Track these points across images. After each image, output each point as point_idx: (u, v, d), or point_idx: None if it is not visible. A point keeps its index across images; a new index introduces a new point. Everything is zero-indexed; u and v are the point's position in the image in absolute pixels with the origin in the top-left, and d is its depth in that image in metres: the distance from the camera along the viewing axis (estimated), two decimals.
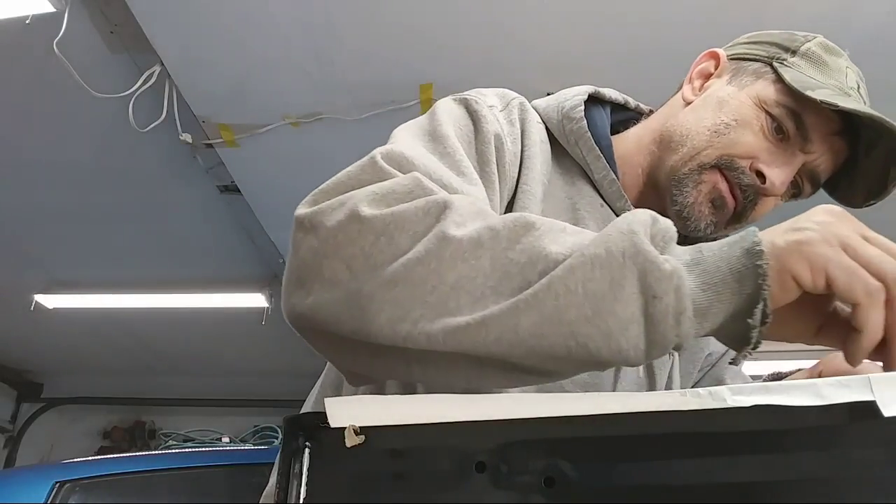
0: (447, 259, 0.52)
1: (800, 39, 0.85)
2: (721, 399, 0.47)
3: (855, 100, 0.81)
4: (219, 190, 3.32)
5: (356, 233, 0.55)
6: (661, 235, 0.52)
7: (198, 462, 2.92)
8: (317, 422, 0.50)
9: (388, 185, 0.58)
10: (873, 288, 0.47)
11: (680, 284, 0.49)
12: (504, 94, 0.87)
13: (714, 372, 1.01)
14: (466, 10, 2.30)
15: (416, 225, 0.54)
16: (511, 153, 0.78)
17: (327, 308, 0.55)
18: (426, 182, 0.59)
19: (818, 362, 0.74)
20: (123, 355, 5.71)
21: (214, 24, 2.38)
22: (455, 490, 0.47)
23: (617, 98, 0.95)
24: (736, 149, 0.81)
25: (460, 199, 0.56)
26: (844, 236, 0.48)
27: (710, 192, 0.82)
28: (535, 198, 0.79)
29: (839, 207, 0.52)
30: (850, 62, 0.85)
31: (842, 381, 0.46)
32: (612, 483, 0.47)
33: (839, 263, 0.48)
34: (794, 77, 0.80)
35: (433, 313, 0.52)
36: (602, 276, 0.49)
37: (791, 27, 1.97)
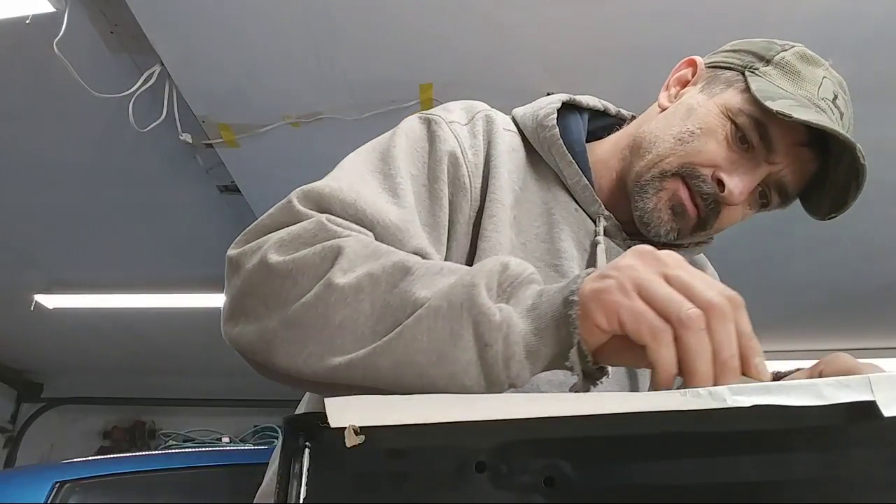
0: (332, 304, 0.59)
1: (776, 48, 0.85)
2: (721, 399, 0.47)
3: (826, 111, 0.80)
4: (219, 190, 3.32)
5: (266, 277, 0.63)
6: (510, 282, 0.58)
7: (198, 462, 2.92)
8: (317, 422, 0.50)
9: (296, 230, 0.66)
10: (658, 329, 0.50)
11: (508, 333, 0.54)
12: (471, 107, 0.90)
13: None
14: (466, 9, 2.30)
15: (314, 269, 0.62)
16: (472, 164, 0.81)
17: (246, 339, 0.64)
18: (329, 226, 0.65)
19: (818, 362, 0.73)
20: (123, 355, 5.71)
21: (214, 24, 2.38)
22: (455, 490, 0.47)
23: (595, 105, 0.96)
24: (698, 157, 0.82)
25: (354, 243, 0.63)
26: (641, 279, 0.52)
27: (671, 199, 0.83)
28: (503, 204, 0.82)
29: (649, 248, 0.55)
30: (832, 72, 0.85)
31: (842, 381, 0.46)
32: (612, 483, 0.47)
33: (628, 308, 0.51)
34: (759, 87, 0.81)
35: (322, 350, 0.59)
36: (443, 327, 0.55)
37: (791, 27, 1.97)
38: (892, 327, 4.69)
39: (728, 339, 0.50)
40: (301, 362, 0.60)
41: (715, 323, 0.50)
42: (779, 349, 5.13)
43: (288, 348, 0.61)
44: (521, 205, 0.86)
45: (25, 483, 2.65)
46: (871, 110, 2.65)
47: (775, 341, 5.05)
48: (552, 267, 0.85)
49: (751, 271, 3.95)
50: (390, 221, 0.71)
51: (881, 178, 3.06)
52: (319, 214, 0.68)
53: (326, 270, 0.61)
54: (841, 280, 4.01)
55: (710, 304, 0.50)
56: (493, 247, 0.80)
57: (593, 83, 2.55)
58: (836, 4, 2.20)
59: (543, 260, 0.86)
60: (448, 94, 2.62)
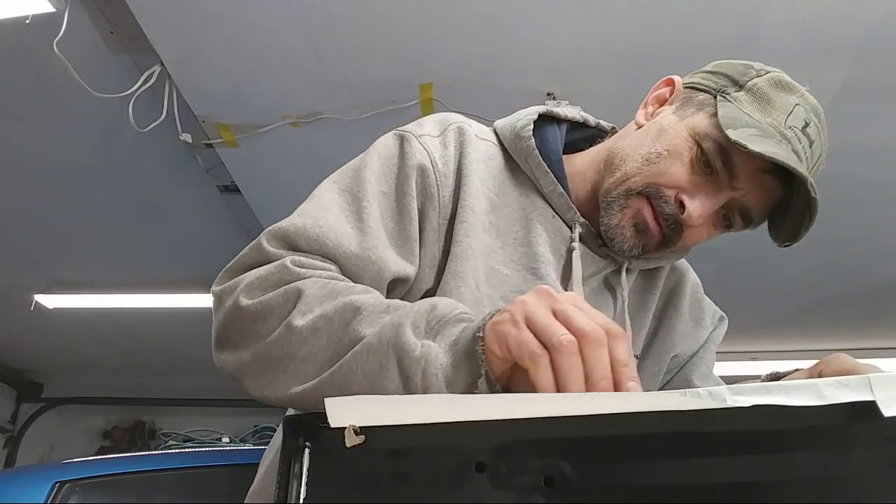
0: (294, 343, 0.69)
1: (751, 74, 0.86)
2: (721, 399, 0.47)
3: (791, 140, 0.81)
4: (219, 190, 3.32)
5: (239, 317, 0.74)
6: (437, 321, 0.65)
7: (198, 462, 2.92)
8: (317, 422, 0.50)
9: (263, 273, 0.75)
10: (535, 354, 0.55)
11: (426, 367, 0.61)
12: (444, 119, 0.94)
13: (682, 373, 1.03)
14: (466, 9, 2.30)
15: (279, 310, 0.72)
16: (441, 174, 0.86)
17: (228, 367, 0.75)
18: (293, 268, 0.74)
19: (818, 362, 0.74)
20: (123, 355, 5.71)
21: (214, 24, 2.38)
22: (455, 490, 0.47)
23: (574, 116, 0.99)
24: (663, 178, 0.84)
25: (312, 286, 0.72)
26: (529, 312, 0.57)
27: (634, 217, 0.86)
28: (475, 210, 0.86)
29: (547, 287, 0.61)
30: (807, 98, 0.86)
31: (842, 381, 0.46)
32: (612, 483, 0.47)
33: (514, 336, 0.57)
34: (726, 113, 0.82)
35: (288, 380, 0.69)
36: (374, 361, 0.64)
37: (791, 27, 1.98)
38: (892, 327, 4.69)
39: (600, 363, 0.54)
40: (270, 390, 0.71)
41: (587, 349, 0.54)
42: (779, 349, 5.13)
43: (258, 379, 0.72)
44: (498, 210, 0.89)
45: (25, 483, 2.65)
46: (871, 110, 2.65)
47: (775, 341, 5.05)
48: (530, 270, 0.88)
49: (751, 271, 3.95)
50: (351, 252, 0.79)
51: (881, 178, 3.06)
52: (286, 254, 0.77)
53: (288, 312, 0.71)
54: (841, 280, 4.01)
55: (584, 332, 0.55)
56: (464, 251, 0.84)
57: (593, 83, 2.55)
58: (836, 4, 2.20)
59: (521, 263, 0.89)
60: (448, 94, 2.62)
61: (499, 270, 0.87)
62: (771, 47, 2.37)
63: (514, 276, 0.88)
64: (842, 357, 0.72)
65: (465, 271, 0.84)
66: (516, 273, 0.88)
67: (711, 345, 1.05)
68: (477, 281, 0.84)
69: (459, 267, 0.84)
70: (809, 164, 0.83)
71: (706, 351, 1.04)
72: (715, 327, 1.06)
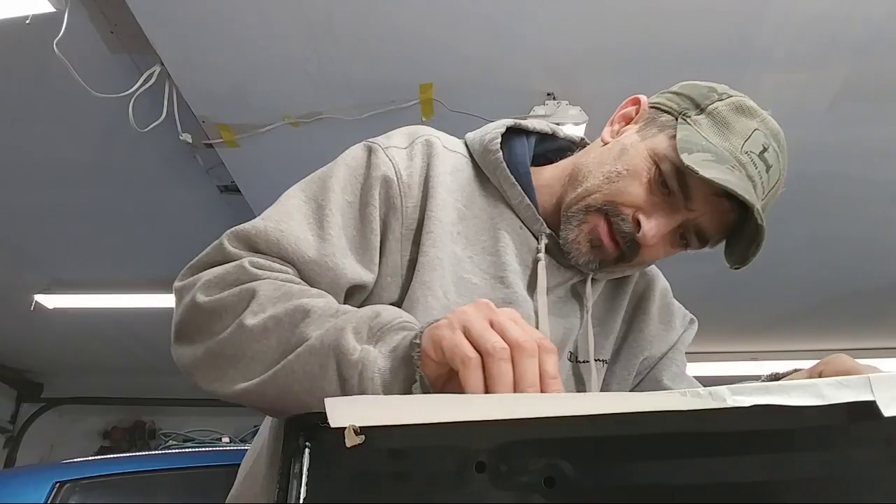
0: (244, 341, 0.72)
1: (713, 97, 0.87)
2: (721, 399, 0.47)
3: (746, 165, 0.82)
4: (219, 190, 3.32)
5: (196, 313, 0.77)
6: (379, 327, 0.68)
7: (198, 462, 2.92)
8: (317, 422, 0.50)
9: (221, 272, 0.78)
10: (467, 357, 0.57)
11: (363, 370, 0.64)
12: (413, 132, 0.96)
13: (653, 374, 1.04)
14: (466, 10, 2.30)
15: (232, 309, 0.74)
16: (405, 185, 0.88)
17: (183, 361, 0.78)
18: (250, 269, 0.77)
19: (818, 363, 0.74)
20: (123, 355, 5.71)
21: (214, 24, 2.38)
22: (455, 490, 0.47)
23: (543, 129, 1.00)
24: (621, 197, 0.86)
25: (266, 287, 0.75)
26: (466, 319, 0.60)
27: (590, 233, 0.88)
28: (441, 221, 0.88)
29: (487, 301, 0.63)
30: (768, 123, 0.87)
31: (842, 381, 0.46)
32: (612, 483, 0.47)
33: (449, 339, 0.59)
34: (683, 136, 0.84)
35: (236, 376, 0.72)
36: (315, 362, 0.67)
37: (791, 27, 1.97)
38: (892, 327, 4.69)
39: (529, 371, 0.57)
40: (218, 385, 0.74)
41: (518, 357, 0.57)
42: (779, 349, 5.13)
43: (209, 373, 0.75)
44: (466, 221, 0.91)
45: (25, 483, 2.65)
46: (871, 110, 2.65)
47: (775, 341, 5.05)
48: (497, 279, 0.90)
49: (751, 271, 3.94)
50: (309, 258, 0.82)
51: (881, 178, 3.06)
52: (245, 255, 0.80)
53: (242, 311, 0.73)
54: (841, 280, 4.02)
55: (517, 342, 0.58)
56: (431, 261, 0.86)
57: (593, 83, 2.55)
58: (837, 4, 2.20)
59: (489, 272, 0.90)
60: (448, 94, 2.63)
61: (468, 279, 0.89)
62: (771, 47, 2.37)
63: (483, 285, 0.89)
64: (842, 357, 0.72)
65: (433, 281, 0.85)
66: (485, 282, 0.90)
67: (681, 346, 1.07)
68: (445, 290, 0.86)
69: (427, 277, 0.86)
70: (765, 188, 0.84)
71: (676, 352, 1.06)
72: (685, 329, 1.09)
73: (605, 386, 0.99)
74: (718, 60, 2.39)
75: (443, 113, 2.67)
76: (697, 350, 5.04)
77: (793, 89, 2.55)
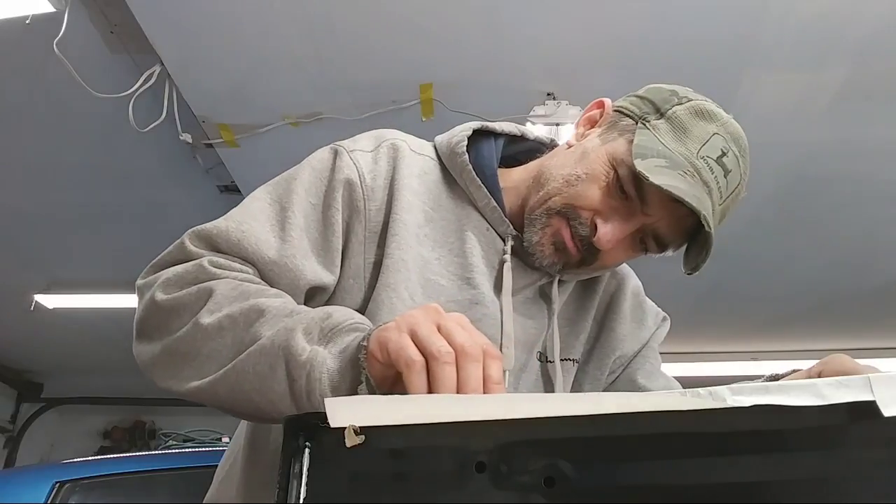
0: (199, 339, 0.73)
1: (673, 101, 0.87)
2: (721, 399, 0.47)
3: (701, 170, 0.82)
4: (219, 190, 3.32)
5: (155, 311, 0.78)
6: (330, 328, 0.68)
7: (198, 462, 2.92)
8: (317, 422, 0.50)
9: (180, 271, 0.79)
10: (412, 360, 0.58)
11: (311, 371, 0.65)
12: (380, 136, 0.96)
13: (627, 373, 1.05)
14: (466, 9, 2.30)
15: (190, 307, 0.75)
16: (369, 189, 0.89)
17: (141, 358, 0.79)
18: (209, 268, 0.78)
19: (817, 363, 0.74)
20: (123, 355, 5.64)
21: (214, 24, 2.38)
22: (455, 490, 0.47)
23: (512, 131, 1.01)
24: (580, 201, 0.87)
25: (223, 286, 0.76)
26: (414, 323, 0.61)
27: (553, 236, 0.89)
28: (406, 223, 0.89)
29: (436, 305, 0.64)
30: (729, 127, 0.86)
31: (842, 381, 0.46)
32: (612, 483, 0.47)
33: (395, 342, 0.60)
34: (640, 141, 0.84)
35: (192, 374, 0.73)
36: (265, 362, 0.67)
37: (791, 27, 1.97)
38: (892, 327, 4.69)
39: (473, 375, 0.58)
40: (173, 383, 0.75)
41: (463, 361, 0.58)
42: (779, 349, 5.13)
43: (165, 371, 0.76)
44: (433, 223, 0.92)
45: (25, 483, 2.65)
46: (871, 110, 2.65)
47: (775, 341, 5.05)
48: (465, 280, 0.91)
49: (751, 271, 3.95)
50: (269, 258, 0.83)
51: (881, 178, 3.06)
52: (206, 254, 0.81)
53: (199, 309, 0.74)
54: (841, 280, 4.02)
55: (462, 346, 0.59)
56: (395, 263, 0.87)
57: (593, 83, 2.55)
58: (836, 4, 2.20)
59: (457, 274, 0.91)
60: (448, 94, 2.63)
61: (435, 281, 0.89)
62: (771, 47, 2.37)
63: (450, 286, 0.90)
64: (841, 357, 0.72)
65: (398, 283, 0.86)
66: (452, 283, 0.91)
67: (654, 343, 1.08)
68: (411, 292, 0.87)
69: (391, 279, 0.86)
70: (723, 193, 0.84)
71: (649, 350, 1.06)
72: (658, 327, 1.09)
73: (577, 385, 1.00)
74: (718, 60, 2.39)
75: (443, 113, 2.67)
76: (698, 350, 5.04)
77: (793, 89, 2.55)
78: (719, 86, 2.49)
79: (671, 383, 1.05)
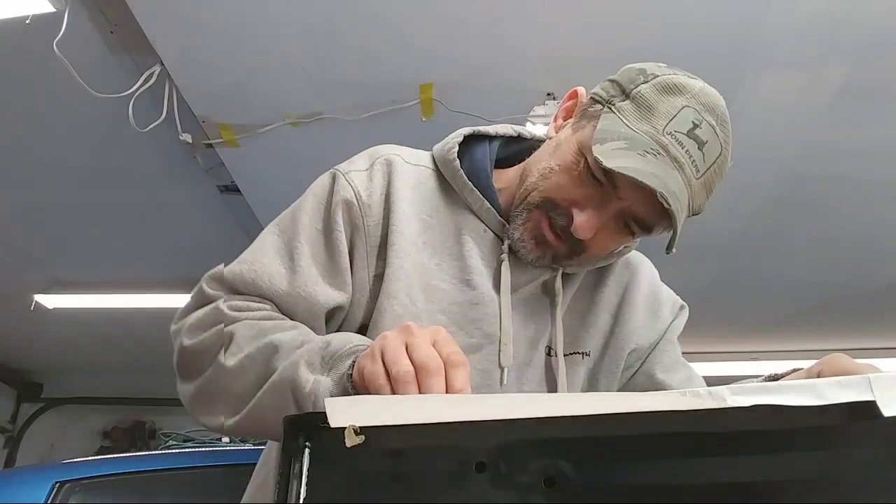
0: (227, 379, 0.80)
1: (639, 80, 0.86)
2: (721, 399, 0.47)
3: (667, 146, 0.80)
4: (219, 190, 3.32)
5: (183, 355, 0.86)
6: (331, 356, 0.73)
7: (198, 462, 2.92)
8: (317, 422, 0.50)
9: (201, 315, 0.86)
10: (380, 385, 0.62)
11: (315, 400, 0.70)
12: (374, 153, 0.99)
13: (645, 368, 1.04)
14: (466, 10, 2.30)
15: (212, 350, 0.82)
16: (365, 205, 0.93)
17: (184, 396, 0.86)
18: (226, 312, 0.84)
19: (817, 362, 0.74)
20: (123, 355, 5.71)
21: (214, 24, 2.38)
22: (455, 490, 0.47)
23: (507, 132, 1.02)
24: (556, 193, 0.87)
25: (242, 328, 0.82)
26: (384, 347, 0.65)
27: (533, 230, 0.90)
28: (403, 233, 0.92)
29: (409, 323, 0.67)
30: (701, 96, 0.84)
31: (842, 381, 0.46)
32: (612, 483, 0.47)
33: (369, 369, 0.64)
34: (602, 126, 0.84)
35: (226, 412, 0.80)
36: (278, 396, 0.74)
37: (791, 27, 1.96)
38: (892, 327, 4.69)
39: (433, 389, 0.60)
40: (209, 419, 0.82)
41: (423, 378, 0.61)
42: (779, 349, 5.13)
43: (201, 408, 0.84)
44: (431, 230, 0.95)
45: (25, 483, 2.65)
46: (871, 110, 2.65)
47: (775, 341, 5.05)
48: (464, 283, 0.93)
49: (751, 271, 3.95)
50: (283, 291, 0.88)
51: (881, 178, 3.06)
52: (224, 297, 0.87)
53: (222, 352, 0.81)
54: (841, 280, 4.01)
55: (421, 363, 0.61)
56: (395, 272, 0.90)
57: (593, 83, 2.55)
58: (836, 5, 2.20)
59: (457, 277, 0.93)
60: (448, 94, 2.62)
61: (436, 286, 0.92)
62: (771, 47, 2.37)
63: (451, 290, 0.92)
64: (841, 357, 0.72)
65: (398, 290, 0.89)
66: (452, 286, 0.92)
67: (671, 335, 1.06)
68: (412, 298, 0.90)
69: (392, 287, 0.89)
70: (699, 166, 0.82)
71: (666, 342, 1.05)
72: (675, 317, 1.07)
73: (592, 379, 1.00)
74: (718, 60, 2.39)
75: (443, 113, 2.67)
76: (698, 350, 5.04)
77: (793, 89, 2.55)
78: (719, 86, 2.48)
79: (692, 374, 1.04)
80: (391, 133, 2.80)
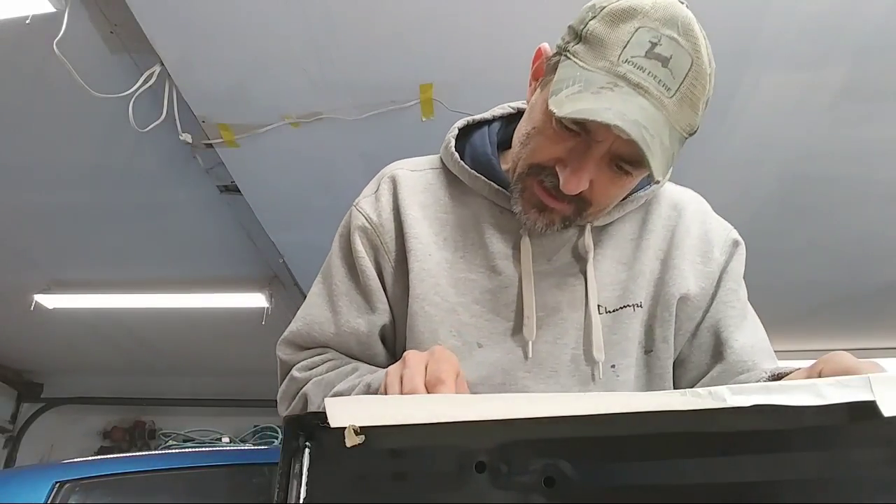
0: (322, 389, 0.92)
1: (587, 18, 0.82)
2: (721, 399, 0.47)
3: (626, 74, 0.77)
4: (219, 190, 3.31)
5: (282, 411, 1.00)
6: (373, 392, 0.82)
7: (198, 462, 2.91)
8: (317, 422, 0.50)
9: (284, 388, 0.99)
10: None
11: None
12: (379, 175, 1.04)
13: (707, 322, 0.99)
14: (466, 10, 2.30)
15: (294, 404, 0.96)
16: (377, 225, 0.98)
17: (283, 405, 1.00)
18: (298, 377, 0.96)
19: (817, 361, 0.73)
20: (123, 355, 5.71)
21: (214, 24, 2.38)
22: (455, 490, 0.47)
23: (504, 112, 1.04)
24: (538, 156, 0.86)
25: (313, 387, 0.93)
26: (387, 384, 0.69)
27: (531, 199, 0.88)
28: (420, 237, 0.95)
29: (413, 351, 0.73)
30: (651, 17, 0.79)
31: (842, 381, 0.46)
32: (612, 483, 0.47)
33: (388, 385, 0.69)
34: (560, 75, 0.81)
35: None
36: None
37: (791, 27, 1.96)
38: (892, 327, 4.69)
39: None
40: None
41: None
42: (779, 349, 5.12)
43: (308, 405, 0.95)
44: (449, 226, 0.97)
45: (25, 483, 2.65)
46: (871, 110, 2.65)
47: (776, 341, 5.04)
48: (491, 269, 0.94)
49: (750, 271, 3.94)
50: (332, 334, 0.98)
51: (881, 178, 3.06)
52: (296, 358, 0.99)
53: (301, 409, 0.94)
54: (841, 280, 4.01)
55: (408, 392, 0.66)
56: (418, 275, 0.93)
57: None
58: (836, 4, 2.20)
59: (483, 265, 0.95)
60: (448, 94, 2.62)
61: (465, 278, 0.94)
62: (771, 47, 2.37)
63: (480, 279, 0.94)
64: (841, 355, 0.71)
65: (426, 291, 0.93)
66: (480, 275, 0.94)
67: (729, 280, 1.00)
68: (442, 295, 0.93)
69: (418, 290, 0.93)
70: (669, 84, 0.77)
71: (728, 292, 0.99)
72: (729, 257, 1.01)
73: (648, 331, 0.95)
74: (718, 60, 2.38)
75: (443, 113, 2.67)
76: None
77: (793, 89, 2.55)
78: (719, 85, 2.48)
79: (757, 335, 0.99)
80: (391, 133, 2.81)
